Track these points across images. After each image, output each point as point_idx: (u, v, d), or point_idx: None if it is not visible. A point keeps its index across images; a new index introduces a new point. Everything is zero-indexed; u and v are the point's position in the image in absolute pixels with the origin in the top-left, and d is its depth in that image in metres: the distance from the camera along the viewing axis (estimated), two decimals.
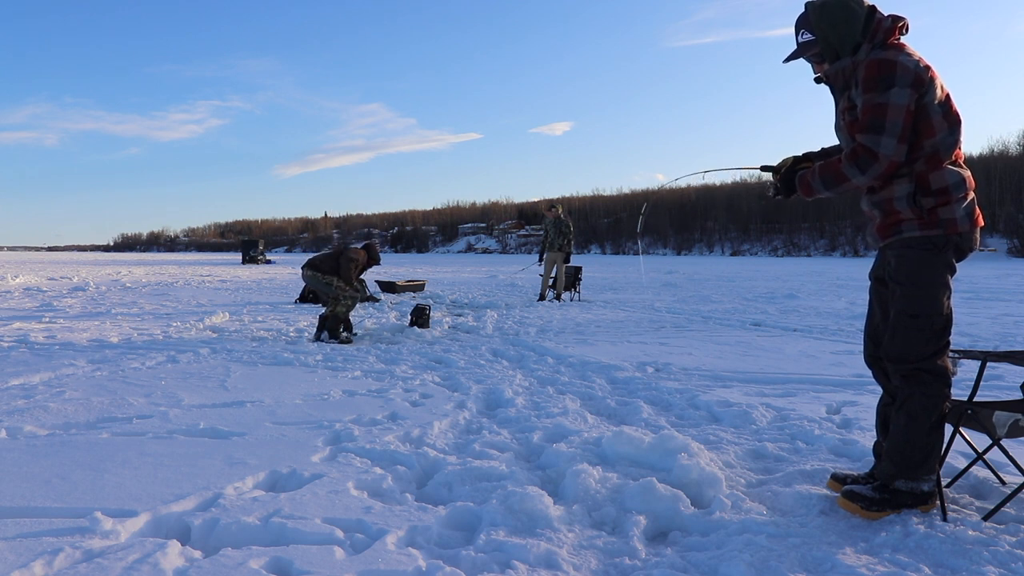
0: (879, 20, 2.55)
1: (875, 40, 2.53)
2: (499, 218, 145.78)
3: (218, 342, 7.00)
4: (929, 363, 2.50)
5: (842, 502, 2.59)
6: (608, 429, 3.63)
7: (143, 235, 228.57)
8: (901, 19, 2.55)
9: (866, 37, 2.54)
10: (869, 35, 2.54)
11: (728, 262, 59.25)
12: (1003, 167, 74.28)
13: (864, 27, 2.55)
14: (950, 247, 2.51)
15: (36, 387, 4.70)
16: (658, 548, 2.34)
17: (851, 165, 2.50)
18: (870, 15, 2.56)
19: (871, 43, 2.53)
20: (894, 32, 2.54)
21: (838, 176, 2.55)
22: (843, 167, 2.53)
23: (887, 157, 2.43)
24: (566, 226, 13.41)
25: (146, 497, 2.63)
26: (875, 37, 2.53)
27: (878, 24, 2.54)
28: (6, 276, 20.20)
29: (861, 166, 2.47)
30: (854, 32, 2.54)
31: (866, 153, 2.45)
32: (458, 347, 6.96)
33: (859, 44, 2.55)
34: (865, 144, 2.45)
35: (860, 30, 2.54)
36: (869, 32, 2.54)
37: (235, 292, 15.25)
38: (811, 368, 5.75)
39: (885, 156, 2.43)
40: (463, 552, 2.22)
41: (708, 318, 10.02)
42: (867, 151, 2.45)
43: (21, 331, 7.72)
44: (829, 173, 2.59)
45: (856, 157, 2.48)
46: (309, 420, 3.91)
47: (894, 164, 2.46)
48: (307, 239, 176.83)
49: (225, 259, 60.35)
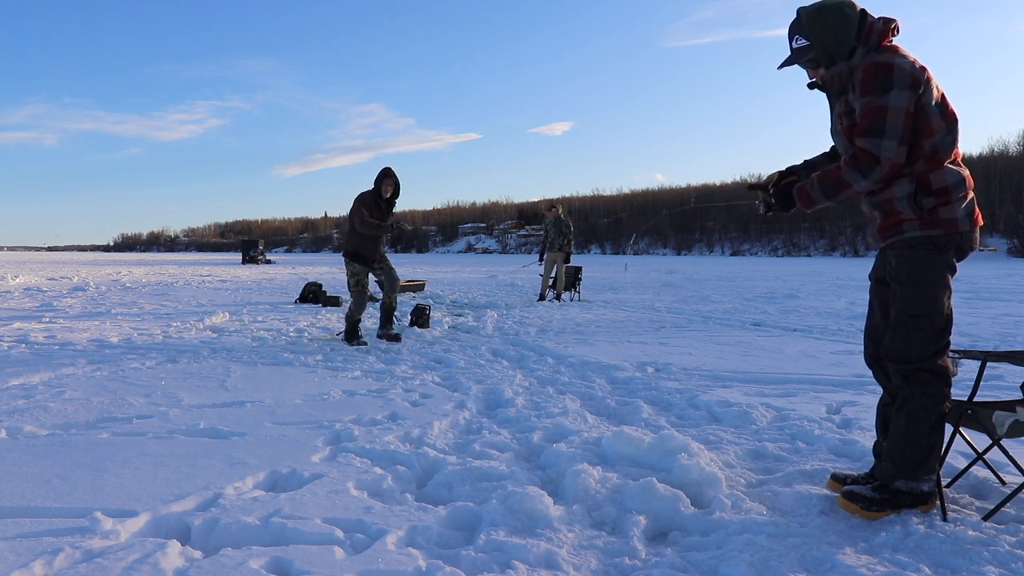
0: (871, 23, 2.55)
1: (869, 43, 2.53)
2: (499, 218, 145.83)
3: (218, 342, 7.00)
4: (930, 363, 2.50)
5: (842, 502, 2.59)
6: (608, 429, 3.63)
7: (143, 235, 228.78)
8: (892, 20, 2.56)
9: (860, 41, 2.54)
10: (863, 39, 2.54)
11: (728, 262, 59.24)
12: (1003, 167, 74.32)
13: (857, 31, 2.55)
14: (951, 247, 2.51)
15: (36, 387, 4.70)
16: (658, 548, 2.34)
17: (852, 170, 2.48)
18: (862, 18, 2.56)
19: (865, 46, 2.53)
20: (887, 34, 2.54)
21: (839, 183, 2.53)
22: (844, 173, 2.51)
23: (888, 160, 2.43)
24: (566, 226, 13.41)
25: (146, 497, 2.63)
26: (869, 40, 2.53)
27: (870, 27, 2.54)
28: (6, 276, 20.20)
29: (863, 170, 2.46)
30: (849, 36, 2.54)
31: (867, 157, 2.44)
32: (458, 347, 6.95)
33: (854, 48, 2.55)
34: (866, 148, 2.44)
35: (855, 34, 2.54)
36: (863, 36, 2.54)
37: (235, 292, 15.25)
38: (811, 368, 5.75)
39: (887, 159, 2.43)
40: (463, 552, 2.22)
41: (708, 318, 10.02)
42: (868, 155, 2.44)
43: (21, 331, 7.72)
44: (829, 181, 2.56)
45: (857, 161, 2.46)
46: (309, 420, 3.90)
47: (896, 166, 2.45)
48: (307, 239, 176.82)
49: (225, 259, 60.35)
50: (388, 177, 7.33)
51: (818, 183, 2.59)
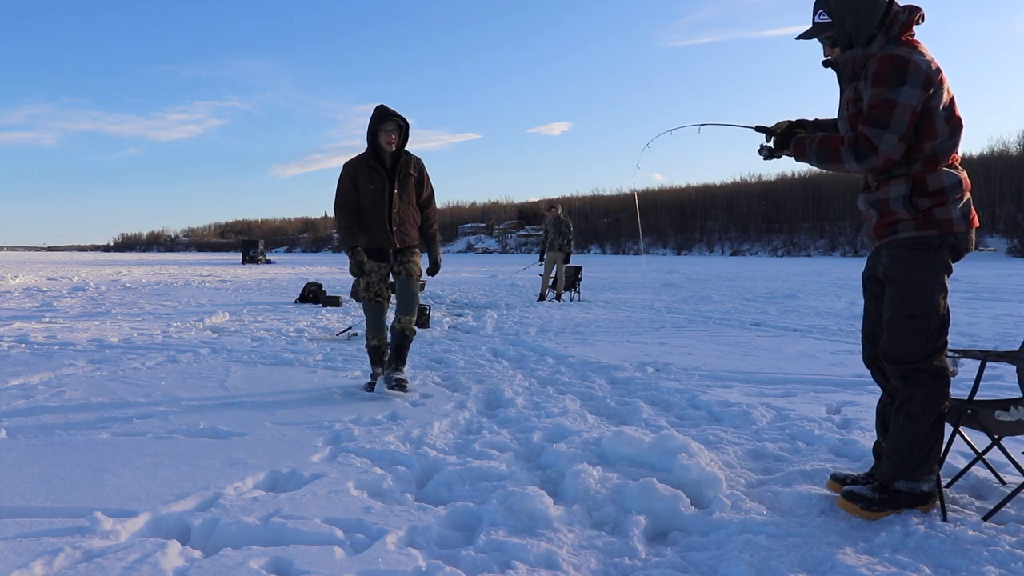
0: (896, 12, 2.52)
1: (890, 33, 2.51)
2: (499, 218, 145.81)
3: (218, 342, 7.00)
4: (928, 363, 2.50)
5: (842, 503, 2.59)
6: (608, 429, 3.63)
7: (143, 235, 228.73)
8: (918, 10, 2.52)
9: (882, 29, 2.52)
10: (885, 27, 2.51)
11: (728, 262, 59.25)
12: (1003, 167, 74.30)
13: (882, 18, 2.52)
14: (946, 247, 2.50)
15: (36, 387, 4.70)
16: (658, 548, 2.34)
17: (850, 152, 2.49)
18: (888, 6, 2.53)
19: (886, 36, 2.51)
20: (910, 26, 2.51)
21: (834, 154, 2.54)
22: (841, 150, 2.52)
23: (886, 153, 2.43)
24: (566, 226, 13.42)
25: (146, 497, 2.63)
26: (890, 30, 2.51)
27: (894, 17, 2.51)
28: (6, 276, 20.19)
29: (859, 155, 2.47)
30: (872, 22, 2.52)
31: (867, 144, 2.45)
32: (458, 347, 6.95)
33: (873, 36, 2.53)
34: (868, 136, 2.44)
35: (878, 21, 2.51)
36: (886, 24, 2.51)
37: (235, 292, 15.25)
38: (811, 368, 5.74)
39: (884, 152, 2.43)
40: (463, 552, 2.22)
41: (708, 318, 10.02)
42: (868, 143, 2.44)
43: (21, 331, 7.72)
44: (827, 147, 2.57)
45: (856, 146, 2.47)
46: (309, 420, 3.90)
47: (891, 161, 2.46)
48: (307, 239, 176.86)
49: (225, 259, 60.35)
50: (385, 119, 4.63)
51: (817, 144, 2.61)
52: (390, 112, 4.68)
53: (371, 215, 4.73)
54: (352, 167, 4.77)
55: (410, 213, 4.81)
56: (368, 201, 4.73)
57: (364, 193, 4.73)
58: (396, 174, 4.73)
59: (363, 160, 4.76)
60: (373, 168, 4.71)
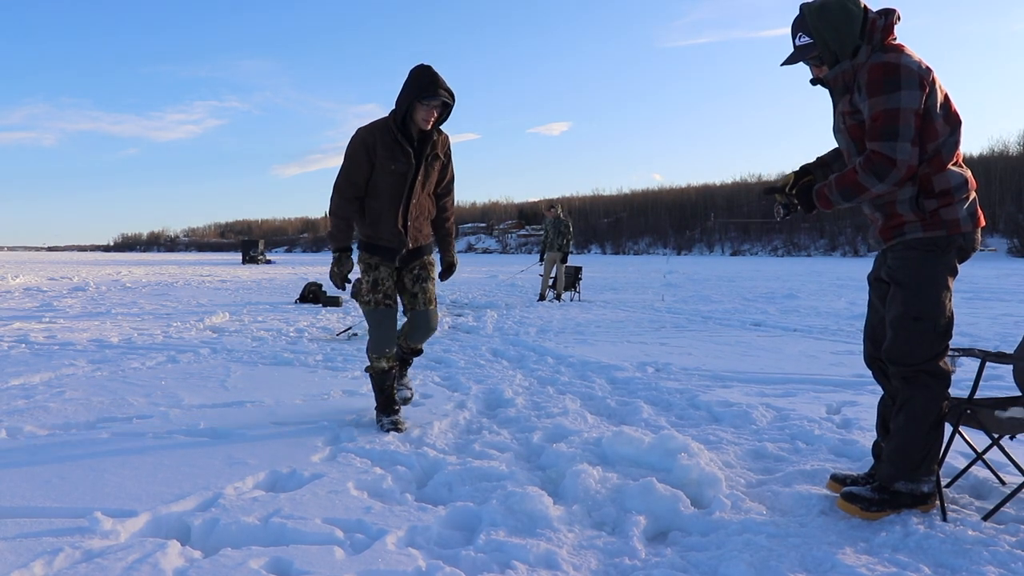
0: (873, 20, 2.52)
1: (873, 41, 2.50)
2: (499, 218, 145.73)
3: (218, 342, 7.00)
4: (930, 365, 2.49)
5: (842, 503, 2.59)
6: (608, 429, 3.63)
7: (143, 235, 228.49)
8: (893, 12, 2.52)
9: (864, 39, 2.51)
10: (867, 36, 2.51)
11: (728, 262, 59.24)
12: (1003, 167, 74.27)
13: (861, 28, 2.52)
14: (953, 248, 2.49)
15: (36, 387, 4.70)
16: (658, 548, 2.34)
17: (868, 174, 2.44)
18: (864, 16, 2.52)
19: (870, 44, 2.51)
20: (890, 30, 2.51)
21: (856, 186, 2.49)
22: (860, 177, 2.46)
23: (904, 162, 2.39)
24: (565, 226, 13.42)
25: (146, 497, 2.63)
26: (872, 38, 2.51)
27: (872, 24, 2.51)
28: (6, 276, 20.19)
29: (879, 174, 2.42)
30: (853, 34, 2.50)
31: (883, 160, 2.40)
32: (458, 347, 6.95)
33: (858, 47, 2.52)
34: (880, 151, 2.40)
35: (859, 32, 2.51)
36: (866, 33, 2.51)
37: (235, 292, 15.25)
38: (811, 368, 5.74)
39: (903, 161, 2.39)
40: (463, 552, 2.22)
41: (708, 318, 10.02)
42: (883, 158, 2.40)
43: (21, 331, 7.72)
44: (846, 185, 2.52)
45: (872, 165, 2.42)
46: (309, 420, 3.90)
47: (912, 169, 2.42)
48: (307, 239, 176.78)
49: (225, 259, 60.35)
50: (432, 90, 3.48)
51: (836, 186, 2.56)
52: (439, 81, 3.50)
53: (383, 203, 3.65)
54: (370, 136, 3.58)
55: (427, 205, 3.81)
56: (384, 185, 3.62)
57: (381, 173, 3.60)
58: (424, 155, 3.65)
59: (386, 129, 3.59)
60: (398, 144, 3.57)
